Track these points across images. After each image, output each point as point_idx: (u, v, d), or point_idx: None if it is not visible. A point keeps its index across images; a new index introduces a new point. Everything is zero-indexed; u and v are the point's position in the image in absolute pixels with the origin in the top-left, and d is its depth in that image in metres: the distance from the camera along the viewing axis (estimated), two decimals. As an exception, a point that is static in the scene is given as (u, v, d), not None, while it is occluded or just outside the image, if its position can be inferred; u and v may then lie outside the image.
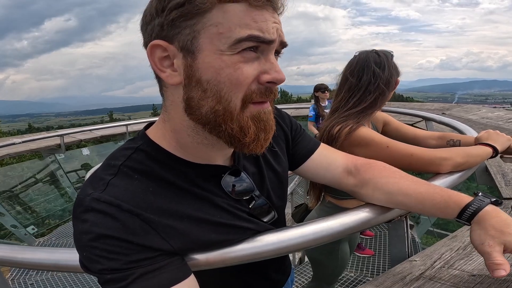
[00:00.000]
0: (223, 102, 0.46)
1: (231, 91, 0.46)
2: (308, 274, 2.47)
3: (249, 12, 0.44)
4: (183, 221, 0.50)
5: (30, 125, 38.71)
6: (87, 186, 0.48)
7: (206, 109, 0.47)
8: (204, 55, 0.45)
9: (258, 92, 0.48)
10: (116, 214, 0.45)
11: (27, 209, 4.73)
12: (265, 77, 0.47)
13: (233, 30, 0.44)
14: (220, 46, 0.44)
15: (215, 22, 0.44)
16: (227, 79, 0.45)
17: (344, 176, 0.72)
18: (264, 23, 0.45)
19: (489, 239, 0.53)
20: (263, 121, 0.50)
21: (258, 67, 0.47)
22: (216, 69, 0.45)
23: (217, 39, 0.44)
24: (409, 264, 0.70)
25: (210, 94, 0.46)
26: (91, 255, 0.44)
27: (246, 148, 0.50)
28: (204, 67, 0.45)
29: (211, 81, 0.46)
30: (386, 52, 1.15)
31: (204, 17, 0.44)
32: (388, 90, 1.11)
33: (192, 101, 0.48)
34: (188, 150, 0.53)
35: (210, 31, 0.44)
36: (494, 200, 0.57)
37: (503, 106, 24.87)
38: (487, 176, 1.34)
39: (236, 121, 0.48)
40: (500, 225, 0.53)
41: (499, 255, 0.51)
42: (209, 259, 0.54)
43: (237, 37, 0.44)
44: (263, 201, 0.62)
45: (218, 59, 0.45)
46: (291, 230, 0.61)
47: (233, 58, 0.45)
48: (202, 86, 0.46)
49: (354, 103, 1.12)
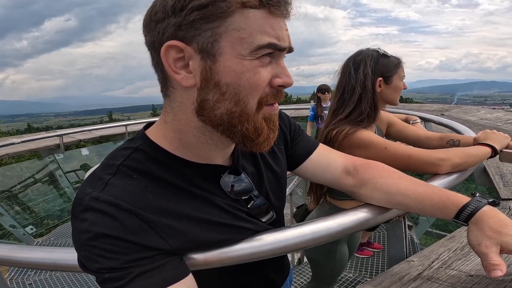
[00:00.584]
0: (240, 105, 0.48)
1: (249, 94, 0.47)
2: (307, 274, 2.47)
3: (268, 19, 0.46)
4: (181, 220, 0.50)
5: (29, 125, 38.65)
6: (86, 185, 0.48)
7: (221, 111, 0.48)
8: (225, 59, 0.46)
9: (271, 94, 0.50)
10: (115, 213, 0.45)
11: (26, 209, 4.72)
12: (277, 81, 0.49)
13: (254, 36, 0.45)
14: (241, 51, 0.45)
15: (237, 27, 0.45)
16: (247, 83, 0.47)
17: (343, 176, 0.72)
18: (280, 31, 0.47)
19: (486, 240, 0.53)
20: (273, 122, 0.53)
21: (271, 71, 0.49)
22: (237, 73, 0.46)
23: (238, 44, 0.45)
24: (407, 265, 0.71)
25: (228, 97, 0.47)
26: (89, 254, 0.45)
27: (257, 147, 0.52)
28: (225, 71, 0.46)
29: (231, 85, 0.46)
30: (370, 51, 1.16)
31: (226, 21, 0.44)
32: (365, 92, 1.11)
33: (207, 103, 0.48)
34: (190, 150, 0.54)
35: (232, 35, 0.45)
36: (492, 200, 0.57)
37: (502, 107, 24.90)
38: (485, 177, 1.34)
39: (252, 122, 0.49)
40: (497, 225, 0.53)
41: (495, 255, 0.51)
42: (208, 259, 0.54)
43: (259, 44, 0.45)
44: (261, 201, 0.62)
45: (239, 63, 0.46)
46: (289, 230, 0.61)
47: (253, 63, 0.46)
48: (220, 89, 0.47)
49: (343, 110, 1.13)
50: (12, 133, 27.68)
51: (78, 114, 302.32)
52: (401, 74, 1.17)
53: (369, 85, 1.12)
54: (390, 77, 1.15)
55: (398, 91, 1.18)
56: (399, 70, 1.17)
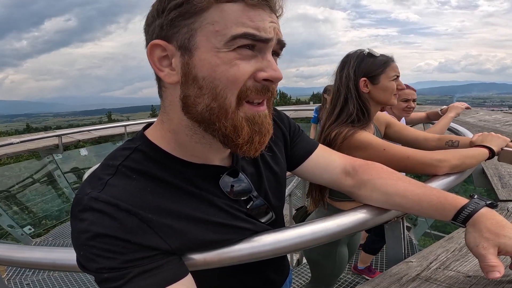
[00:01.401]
0: (218, 99, 0.47)
1: (226, 88, 0.47)
2: (306, 275, 2.47)
3: (246, 11, 0.46)
4: (181, 220, 0.50)
5: (28, 125, 38.57)
6: (86, 185, 0.48)
7: (202, 107, 0.48)
8: (200, 52, 0.46)
9: (254, 89, 0.48)
10: (114, 213, 0.45)
11: (24, 209, 4.71)
12: (261, 74, 0.48)
13: (229, 28, 0.45)
14: (216, 44, 0.45)
15: (212, 20, 0.45)
16: (223, 76, 0.46)
17: (342, 177, 0.73)
18: (261, 22, 0.46)
19: (484, 241, 0.53)
20: (258, 124, 0.50)
21: (255, 64, 0.47)
22: (212, 65, 0.46)
23: (213, 37, 0.45)
24: (406, 265, 0.71)
25: (206, 91, 0.47)
26: (88, 254, 0.45)
27: (239, 150, 0.50)
28: (200, 64, 0.46)
29: (207, 78, 0.46)
30: (357, 52, 1.17)
31: (202, 16, 0.45)
32: (349, 93, 1.13)
33: (188, 99, 0.48)
34: (186, 150, 0.54)
35: (207, 29, 0.45)
36: (490, 202, 0.58)
37: (500, 109, 25.13)
38: (484, 179, 1.34)
39: (230, 119, 0.48)
40: (495, 227, 0.54)
41: (493, 257, 0.51)
42: (207, 259, 0.54)
43: (233, 34, 0.45)
44: (261, 201, 0.62)
45: (214, 56, 0.46)
46: (288, 231, 0.61)
47: (228, 55, 0.46)
48: (198, 83, 0.47)
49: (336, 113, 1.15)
50: (10, 133, 27.62)
51: (77, 114, 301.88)
52: (390, 73, 1.14)
53: (351, 86, 1.13)
54: (375, 76, 1.14)
55: (388, 91, 1.14)
56: (388, 70, 1.14)
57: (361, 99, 1.13)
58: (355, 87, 1.14)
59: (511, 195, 1.11)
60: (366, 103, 1.14)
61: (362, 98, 1.14)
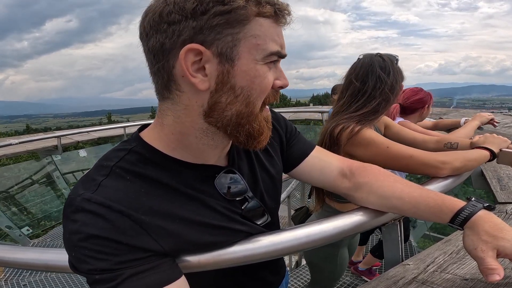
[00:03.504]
0: (250, 106, 0.50)
1: (258, 96, 0.51)
2: (304, 277, 2.46)
3: (275, 28, 0.49)
4: (175, 222, 0.50)
5: (28, 126, 38.58)
6: (79, 186, 0.48)
7: (232, 112, 0.50)
8: (242, 63, 0.47)
9: (272, 95, 0.53)
10: (106, 214, 0.44)
11: (23, 210, 4.70)
12: (277, 82, 0.52)
13: (268, 43, 0.48)
14: (256, 56, 0.48)
15: (254, 34, 0.47)
16: (258, 86, 0.50)
17: (338, 179, 0.72)
18: (282, 39, 0.51)
19: (482, 244, 0.52)
20: (269, 122, 0.56)
21: (274, 74, 0.52)
22: (251, 77, 0.48)
23: (254, 50, 0.48)
24: (402, 268, 0.70)
25: (240, 99, 0.49)
26: (80, 255, 0.44)
27: (258, 145, 0.55)
28: (241, 75, 0.48)
29: (245, 87, 0.49)
30: (391, 57, 1.14)
31: (245, 28, 0.47)
32: (392, 95, 1.11)
33: (218, 105, 0.49)
34: (188, 151, 0.54)
35: (250, 41, 0.47)
36: (487, 205, 0.57)
37: (500, 111, 25.07)
38: (482, 181, 1.34)
39: (257, 121, 0.53)
40: (493, 230, 0.53)
41: (492, 260, 0.51)
42: (201, 261, 0.53)
43: (271, 51, 0.49)
44: (256, 203, 0.62)
45: (253, 68, 0.48)
46: (284, 233, 0.61)
47: (263, 68, 0.49)
48: (234, 92, 0.49)
49: (356, 107, 1.11)
50: (10, 133, 27.60)
51: (77, 115, 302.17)
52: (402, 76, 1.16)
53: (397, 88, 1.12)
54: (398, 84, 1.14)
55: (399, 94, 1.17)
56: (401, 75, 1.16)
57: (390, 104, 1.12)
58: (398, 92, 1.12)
59: (510, 197, 1.11)
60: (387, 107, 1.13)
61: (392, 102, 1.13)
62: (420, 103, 1.85)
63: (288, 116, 6.11)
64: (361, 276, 2.39)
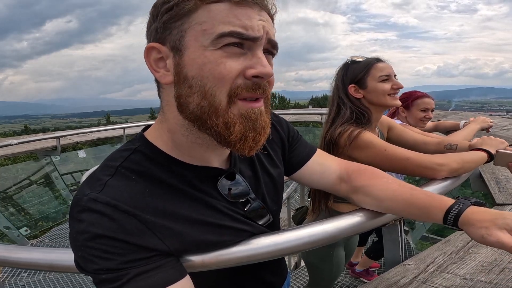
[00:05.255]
0: (208, 98, 0.48)
1: (214, 86, 0.47)
2: (304, 278, 2.47)
3: (233, 10, 0.46)
4: (179, 222, 0.50)
5: (27, 126, 38.42)
6: (85, 186, 0.48)
7: (193, 106, 0.49)
8: (190, 52, 0.47)
9: (245, 87, 0.48)
10: (112, 214, 0.45)
11: (21, 210, 4.67)
12: (250, 71, 0.48)
13: (216, 27, 0.46)
14: (203, 42, 0.47)
15: (200, 20, 0.47)
16: (210, 74, 0.47)
17: (337, 182, 0.73)
18: (248, 20, 0.47)
19: (484, 231, 0.52)
20: (252, 121, 0.50)
21: (244, 62, 0.48)
22: (199, 64, 0.47)
23: (201, 36, 0.47)
24: (403, 268, 0.71)
25: (195, 90, 0.48)
26: (86, 255, 0.45)
27: (233, 147, 0.51)
28: (190, 64, 0.48)
29: (195, 77, 0.48)
30: (343, 63, 1.21)
31: (190, 17, 0.47)
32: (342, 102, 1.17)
33: (181, 98, 0.49)
34: (183, 150, 0.54)
35: (195, 29, 0.47)
36: (475, 201, 0.57)
37: (498, 114, 24.91)
38: (481, 183, 1.35)
39: (221, 117, 0.48)
40: (487, 217, 0.53)
41: (507, 237, 0.50)
42: (205, 261, 0.54)
43: (219, 32, 0.46)
44: (258, 204, 0.63)
45: (201, 55, 0.47)
46: (287, 233, 0.61)
47: (215, 53, 0.46)
48: (188, 82, 0.48)
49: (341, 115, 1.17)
50: (8, 134, 27.47)
51: (75, 116, 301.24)
52: (375, 74, 1.14)
53: (342, 95, 1.18)
54: (361, 81, 1.16)
55: (377, 92, 1.14)
56: (372, 71, 1.15)
57: (355, 105, 1.16)
58: (346, 95, 1.17)
59: (508, 198, 1.12)
60: (361, 108, 1.15)
61: (356, 103, 1.16)
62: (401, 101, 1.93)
63: (287, 118, 6.07)
64: (359, 277, 2.40)
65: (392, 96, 1.16)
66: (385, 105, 1.17)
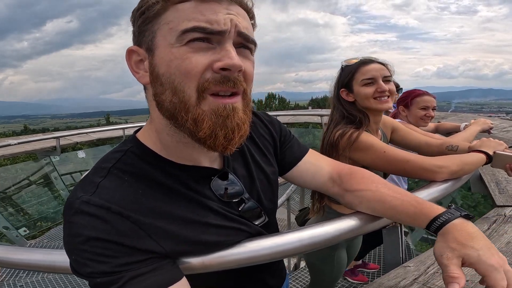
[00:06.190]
0: (178, 93, 0.48)
1: (182, 81, 0.47)
2: (303, 279, 2.46)
3: (198, 7, 0.47)
4: (173, 222, 0.50)
5: (26, 126, 38.37)
6: (77, 189, 0.48)
7: (167, 103, 0.49)
8: (159, 51, 0.49)
9: (213, 80, 0.48)
10: (106, 216, 0.45)
11: (20, 211, 4.66)
12: (217, 64, 0.47)
13: (181, 24, 0.47)
14: (170, 40, 0.48)
15: (167, 20, 0.48)
16: (177, 70, 0.47)
17: (329, 184, 0.73)
18: (213, 15, 0.47)
19: (449, 251, 0.51)
20: (222, 117, 0.48)
21: (211, 56, 0.48)
22: (167, 61, 0.48)
23: (168, 34, 0.48)
24: (403, 270, 0.71)
25: (167, 87, 0.49)
26: (80, 258, 0.44)
27: (204, 144, 0.50)
28: (160, 62, 0.49)
29: (165, 74, 0.48)
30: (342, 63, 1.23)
31: (160, 18, 0.49)
32: (337, 102, 1.20)
33: (157, 96, 0.51)
34: (170, 150, 0.54)
35: (163, 29, 0.49)
36: (465, 214, 0.55)
37: (498, 115, 25.01)
38: (481, 184, 1.35)
39: (190, 113, 0.48)
40: (463, 237, 0.51)
41: (456, 268, 0.49)
42: (205, 262, 0.54)
43: (183, 29, 0.47)
44: (253, 204, 0.62)
45: (169, 52, 0.48)
46: (287, 235, 0.61)
47: (181, 50, 0.47)
48: (160, 80, 0.49)
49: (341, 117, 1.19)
50: (8, 134, 27.41)
51: (75, 116, 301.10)
52: (358, 78, 1.13)
53: (335, 100, 1.21)
54: (348, 85, 1.17)
55: (361, 96, 1.13)
56: (356, 75, 1.14)
57: (345, 108, 1.18)
58: (337, 99, 1.20)
59: (508, 200, 1.12)
60: (352, 111, 1.16)
61: (347, 107, 1.18)
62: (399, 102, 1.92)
63: (287, 119, 6.12)
64: (345, 278, 2.39)
65: (378, 100, 1.12)
66: (372, 109, 1.14)
